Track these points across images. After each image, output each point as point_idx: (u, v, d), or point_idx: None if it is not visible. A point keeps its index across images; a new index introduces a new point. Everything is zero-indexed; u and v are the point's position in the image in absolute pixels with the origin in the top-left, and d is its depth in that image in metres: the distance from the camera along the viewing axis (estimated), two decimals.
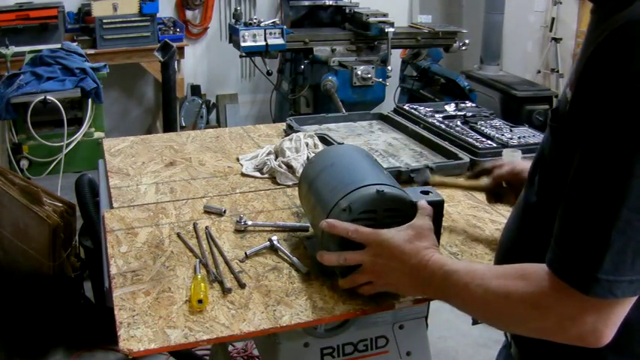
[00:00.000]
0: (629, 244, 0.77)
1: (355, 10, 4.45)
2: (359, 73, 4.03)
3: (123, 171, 1.78)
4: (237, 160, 1.88)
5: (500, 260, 1.11)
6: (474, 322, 1.29)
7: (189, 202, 1.58)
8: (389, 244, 1.08)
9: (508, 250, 1.09)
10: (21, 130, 3.24)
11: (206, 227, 1.44)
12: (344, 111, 3.58)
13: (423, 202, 1.15)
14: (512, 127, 2.07)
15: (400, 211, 1.15)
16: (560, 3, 5.23)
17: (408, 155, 1.91)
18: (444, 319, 2.73)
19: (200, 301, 1.12)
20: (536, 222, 0.98)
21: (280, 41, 4.07)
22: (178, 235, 1.41)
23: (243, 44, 4.01)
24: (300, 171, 1.55)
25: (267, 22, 4.13)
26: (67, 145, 3.23)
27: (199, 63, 5.24)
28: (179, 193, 1.64)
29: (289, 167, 1.73)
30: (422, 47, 4.76)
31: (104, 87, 3.45)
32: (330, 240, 1.15)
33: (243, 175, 1.77)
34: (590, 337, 0.82)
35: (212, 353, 2.29)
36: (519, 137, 1.96)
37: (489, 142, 1.92)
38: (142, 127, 5.23)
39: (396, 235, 1.09)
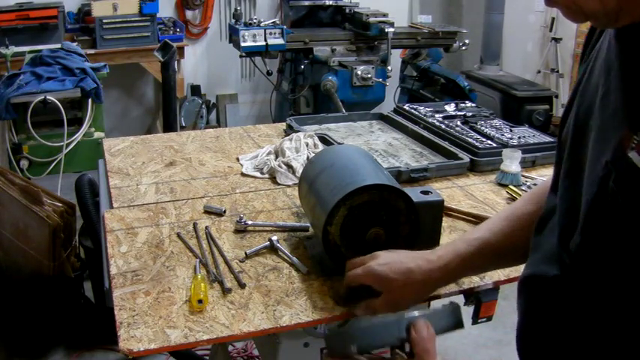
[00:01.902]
0: None
1: (355, 10, 4.45)
2: (359, 73, 4.03)
3: (123, 171, 1.78)
4: (237, 160, 1.88)
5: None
6: (474, 322, 1.29)
7: (189, 202, 1.58)
8: None
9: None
10: (21, 130, 3.24)
11: (206, 227, 1.44)
12: (344, 111, 3.57)
13: (418, 329, 0.99)
14: (512, 127, 2.07)
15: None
16: None
17: (408, 155, 1.91)
18: None
19: (200, 301, 1.12)
20: (567, 297, 0.80)
21: (280, 41, 4.07)
22: (178, 235, 1.41)
23: (243, 44, 4.01)
24: (300, 171, 1.55)
25: (267, 22, 4.13)
26: (67, 145, 3.22)
27: (199, 63, 5.24)
28: (179, 193, 1.64)
29: (289, 167, 1.73)
30: (422, 47, 4.76)
31: (104, 87, 3.44)
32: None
33: (243, 175, 1.77)
34: None
35: (212, 353, 2.29)
36: (519, 137, 1.96)
37: (489, 142, 1.92)
38: (142, 127, 5.23)
39: None
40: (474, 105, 2.37)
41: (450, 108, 2.26)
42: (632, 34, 0.71)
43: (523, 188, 1.67)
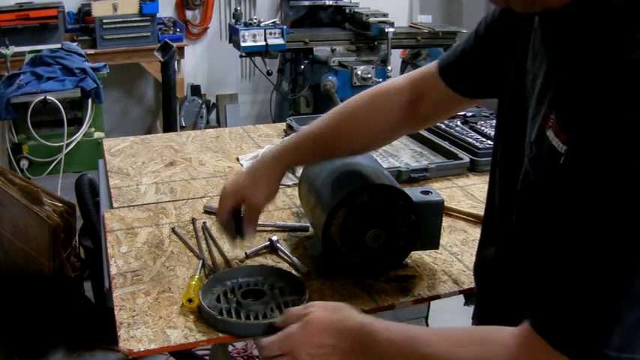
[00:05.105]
0: None
1: (355, 10, 4.45)
2: (359, 73, 4.02)
3: (123, 171, 1.78)
4: (237, 160, 1.88)
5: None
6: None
7: (189, 202, 1.58)
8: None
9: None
10: (21, 130, 3.23)
11: (204, 223, 1.44)
12: None
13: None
14: None
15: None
16: None
17: (408, 155, 1.91)
18: (444, 319, 2.73)
19: (190, 300, 1.12)
20: (496, 274, 0.89)
21: (280, 41, 4.06)
22: (173, 230, 1.40)
23: (243, 44, 4.01)
24: (300, 171, 1.55)
25: (267, 22, 4.13)
26: (67, 145, 3.22)
27: (199, 63, 5.24)
28: (179, 193, 1.64)
29: None
30: (422, 47, 4.76)
31: (104, 87, 3.44)
32: None
33: None
34: None
35: (212, 353, 2.28)
36: None
37: (489, 142, 1.92)
38: (142, 127, 5.22)
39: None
40: None
41: None
42: (552, 20, 0.75)
43: None
